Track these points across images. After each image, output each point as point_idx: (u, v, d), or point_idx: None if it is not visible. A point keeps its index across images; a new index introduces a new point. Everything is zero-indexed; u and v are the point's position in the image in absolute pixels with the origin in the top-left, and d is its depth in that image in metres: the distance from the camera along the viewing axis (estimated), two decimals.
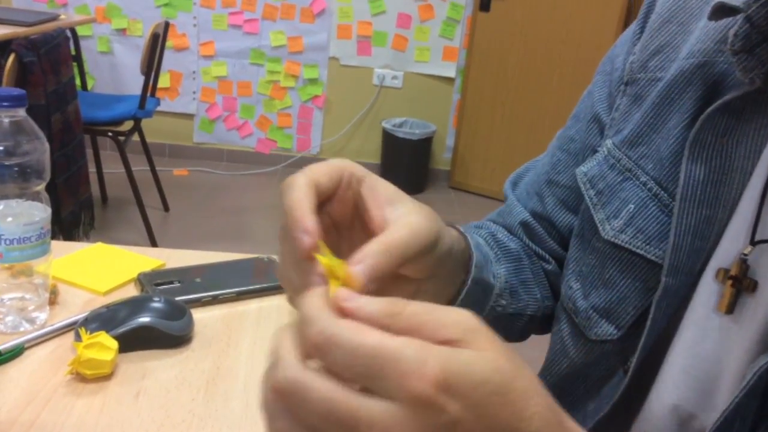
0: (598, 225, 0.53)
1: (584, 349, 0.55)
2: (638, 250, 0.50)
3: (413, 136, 3.50)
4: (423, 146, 3.57)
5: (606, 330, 0.53)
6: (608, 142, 0.55)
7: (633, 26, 0.58)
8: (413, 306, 0.31)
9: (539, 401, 0.31)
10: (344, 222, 0.42)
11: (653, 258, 0.49)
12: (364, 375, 0.29)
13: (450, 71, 3.65)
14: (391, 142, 3.53)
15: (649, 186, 0.50)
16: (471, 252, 0.54)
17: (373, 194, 0.40)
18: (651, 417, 0.48)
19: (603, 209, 0.54)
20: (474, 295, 0.54)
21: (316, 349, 0.30)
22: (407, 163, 3.53)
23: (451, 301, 0.53)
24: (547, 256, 0.65)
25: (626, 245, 0.51)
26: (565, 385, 0.57)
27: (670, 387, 0.47)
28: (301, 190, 0.37)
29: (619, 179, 0.53)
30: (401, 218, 0.39)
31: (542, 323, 0.66)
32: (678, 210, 0.47)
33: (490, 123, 3.56)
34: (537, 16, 3.33)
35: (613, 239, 0.52)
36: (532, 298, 0.63)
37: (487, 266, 0.57)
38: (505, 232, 0.66)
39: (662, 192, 0.50)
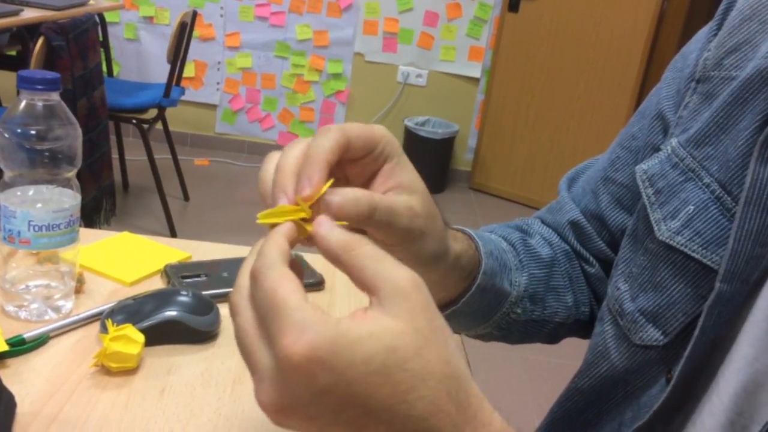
0: (654, 225, 0.51)
1: (627, 353, 0.52)
2: (694, 254, 0.48)
3: (435, 136, 3.48)
4: (445, 146, 3.54)
5: (652, 335, 0.50)
6: (673, 141, 0.53)
7: (709, 23, 0.56)
8: (368, 249, 0.33)
9: (434, 386, 0.32)
10: (356, 184, 0.42)
11: (709, 263, 0.47)
12: (264, 318, 0.32)
13: (475, 71, 3.61)
14: (412, 140, 3.50)
15: (711, 188, 0.48)
16: (481, 258, 0.54)
17: (389, 176, 0.42)
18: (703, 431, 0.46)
19: (660, 209, 0.51)
20: (481, 301, 0.55)
21: (251, 278, 0.33)
22: (428, 163, 3.51)
23: (451, 302, 0.54)
24: (591, 259, 0.63)
25: (681, 248, 0.48)
26: (603, 389, 0.55)
27: (726, 402, 0.44)
28: (328, 142, 0.38)
29: (680, 179, 0.50)
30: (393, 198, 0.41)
31: (577, 329, 0.65)
32: (741, 213, 0.44)
33: (514, 125, 3.52)
34: (566, 18, 3.29)
35: (668, 240, 0.49)
36: (562, 305, 0.62)
37: (504, 273, 0.57)
38: (544, 235, 0.65)
39: (725, 195, 0.47)
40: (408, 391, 0.31)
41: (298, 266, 0.35)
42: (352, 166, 0.41)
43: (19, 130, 0.60)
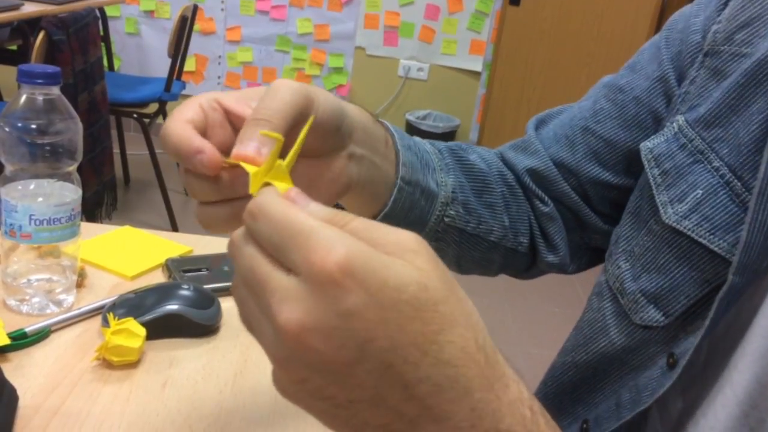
0: (660, 207, 0.50)
1: (626, 331, 0.52)
2: (701, 239, 0.47)
3: (437, 129, 3.47)
4: (446, 140, 3.50)
5: (653, 316, 0.50)
6: (680, 119, 0.51)
7: None
8: (357, 221, 0.31)
9: (462, 333, 0.30)
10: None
11: (716, 249, 0.46)
12: (279, 247, 0.30)
13: (476, 65, 3.61)
14: (414, 134, 3.43)
15: (721, 172, 0.47)
16: (398, 149, 0.51)
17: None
18: (717, 424, 0.46)
19: (667, 191, 0.50)
20: (411, 199, 0.53)
21: (248, 216, 0.31)
22: None
23: (385, 204, 0.51)
24: (547, 198, 0.62)
25: (688, 232, 0.48)
26: (599, 365, 0.55)
27: (740, 395, 0.44)
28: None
29: (688, 161, 0.49)
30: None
31: (513, 261, 0.64)
32: (754, 205, 0.43)
33: (515, 119, 3.51)
34: (568, 12, 3.28)
35: (675, 224, 0.49)
36: (498, 224, 0.60)
37: (427, 172, 0.55)
38: (482, 155, 0.63)
39: (735, 180, 0.46)
40: (438, 332, 0.29)
41: None
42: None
43: (19, 124, 0.60)
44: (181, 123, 0.39)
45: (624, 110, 0.58)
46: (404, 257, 0.29)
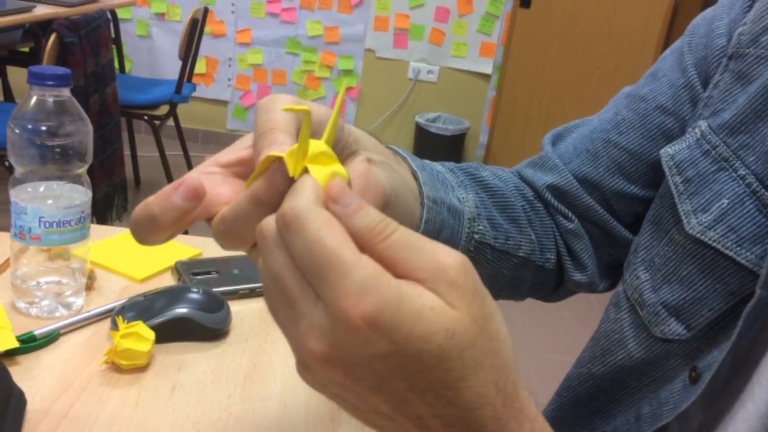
0: (683, 217, 0.48)
1: (645, 344, 0.50)
2: (727, 251, 0.45)
3: (446, 132, 3.47)
4: (456, 142, 3.53)
5: (674, 329, 0.48)
6: (702, 124, 0.49)
7: None
8: (399, 233, 0.29)
9: (484, 378, 0.30)
10: None
11: (743, 261, 0.44)
12: (310, 271, 0.29)
13: (486, 68, 3.60)
14: (423, 136, 3.49)
15: (747, 181, 0.45)
16: (414, 170, 0.48)
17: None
18: None
19: (690, 200, 0.48)
20: (440, 218, 0.50)
21: (282, 222, 0.29)
22: (439, 159, 3.44)
23: (416, 227, 0.48)
24: (570, 214, 0.59)
25: (714, 243, 0.46)
26: (618, 377, 0.53)
27: (762, 409, 0.42)
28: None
29: (712, 168, 0.47)
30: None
31: (543, 279, 0.61)
32: None
33: (525, 122, 3.50)
34: (579, 13, 3.26)
35: (699, 235, 0.47)
36: (525, 238, 0.58)
37: (446, 190, 0.52)
38: (495, 172, 0.60)
39: (762, 190, 0.44)
40: (459, 379, 0.29)
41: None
42: None
43: (29, 126, 0.60)
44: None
45: (647, 119, 0.56)
46: (438, 290, 0.29)
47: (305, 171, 0.32)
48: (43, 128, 0.60)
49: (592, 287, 0.62)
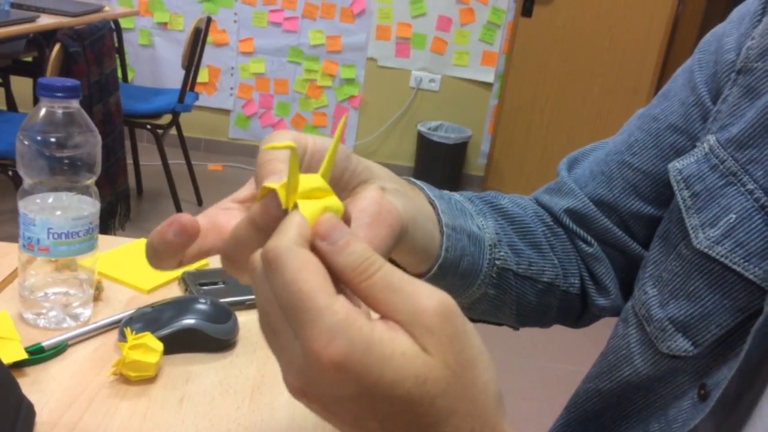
0: (690, 231, 0.48)
1: (652, 360, 0.50)
2: (735, 266, 0.45)
3: (448, 141, 3.47)
4: (458, 151, 3.53)
5: (681, 345, 0.48)
6: (710, 138, 0.49)
7: (752, 4, 0.52)
8: (382, 273, 0.30)
9: (457, 424, 0.30)
10: None
11: (751, 276, 0.44)
12: (287, 310, 0.29)
13: (488, 76, 3.61)
14: (425, 145, 3.50)
15: (756, 195, 0.45)
16: (432, 199, 0.49)
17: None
18: None
19: (698, 214, 0.48)
20: (460, 245, 0.50)
21: (265, 260, 0.30)
22: (441, 167, 3.50)
23: (437, 255, 0.48)
24: (590, 238, 0.59)
25: (722, 259, 0.45)
26: (625, 394, 0.53)
27: None
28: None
29: (720, 183, 0.47)
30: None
31: (567, 304, 0.61)
32: None
33: (527, 130, 3.51)
34: (580, 22, 3.27)
35: (706, 250, 0.46)
36: (548, 263, 0.58)
37: (465, 218, 0.53)
38: (513, 199, 0.61)
39: None
40: (430, 425, 0.30)
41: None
42: None
43: (39, 138, 0.60)
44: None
45: (659, 139, 0.56)
46: (415, 334, 0.29)
47: (296, 206, 0.32)
48: (53, 140, 0.60)
49: (617, 312, 0.61)
